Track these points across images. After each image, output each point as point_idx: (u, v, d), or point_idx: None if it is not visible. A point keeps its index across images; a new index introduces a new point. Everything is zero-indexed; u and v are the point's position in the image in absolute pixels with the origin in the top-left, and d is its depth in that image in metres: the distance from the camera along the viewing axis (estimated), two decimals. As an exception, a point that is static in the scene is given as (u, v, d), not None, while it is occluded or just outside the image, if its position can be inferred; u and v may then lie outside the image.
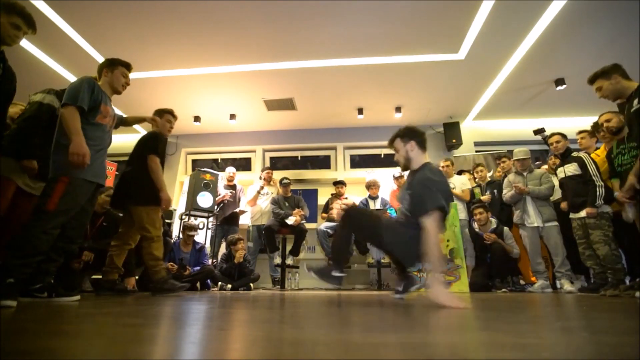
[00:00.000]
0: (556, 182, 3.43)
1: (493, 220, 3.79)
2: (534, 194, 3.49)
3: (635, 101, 2.14)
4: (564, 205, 3.26)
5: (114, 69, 2.20)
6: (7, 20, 1.79)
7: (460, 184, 4.37)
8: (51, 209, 1.73)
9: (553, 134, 3.31)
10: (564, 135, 3.26)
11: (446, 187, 1.85)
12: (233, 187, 4.89)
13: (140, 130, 6.14)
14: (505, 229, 3.74)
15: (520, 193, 3.53)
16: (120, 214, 3.36)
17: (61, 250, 1.92)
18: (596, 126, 3.08)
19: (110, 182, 4.96)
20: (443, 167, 4.45)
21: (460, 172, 4.80)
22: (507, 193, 3.71)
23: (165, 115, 2.81)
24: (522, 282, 3.82)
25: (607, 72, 2.30)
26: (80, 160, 1.77)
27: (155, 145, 2.61)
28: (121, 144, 6.19)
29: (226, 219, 4.69)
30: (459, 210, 3.90)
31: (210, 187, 4.49)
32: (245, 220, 5.10)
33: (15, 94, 1.96)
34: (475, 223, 3.84)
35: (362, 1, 3.29)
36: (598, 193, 2.81)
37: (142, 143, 2.69)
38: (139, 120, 2.64)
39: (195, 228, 3.97)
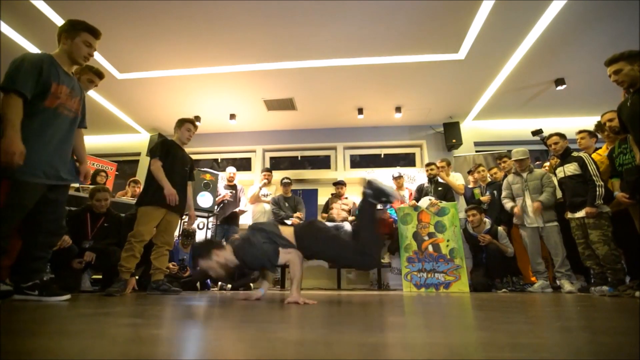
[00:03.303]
0: (556, 182, 3.43)
1: (487, 220, 3.79)
2: (543, 203, 3.43)
3: None
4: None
5: (75, 36, 1.86)
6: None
7: (454, 179, 4.47)
8: None
9: (551, 135, 3.30)
10: (562, 136, 3.26)
11: None
12: (233, 187, 4.89)
13: (140, 130, 6.14)
14: (500, 229, 3.74)
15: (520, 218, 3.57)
16: (122, 214, 3.39)
17: (45, 246, 1.85)
18: (599, 126, 3.08)
19: (110, 182, 4.95)
20: (438, 167, 4.47)
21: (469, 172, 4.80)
22: (507, 203, 3.71)
23: (185, 124, 2.97)
24: (521, 282, 3.82)
25: (635, 57, 2.20)
26: (9, 160, 1.54)
27: (154, 149, 2.83)
28: (122, 144, 6.20)
29: (226, 218, 4.69)
30: (458, 210, 3.90)
31: (210, 187, 4.49)
32: (245, 220, 5.10)
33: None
34: (469, 224, 3.84)
35: (362, 1, 3.29)
36: (598, 193, 2.81)
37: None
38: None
39: (191, 236, 3.97)
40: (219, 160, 6.46)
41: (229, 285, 3.95)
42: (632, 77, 2.20)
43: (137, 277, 3.28)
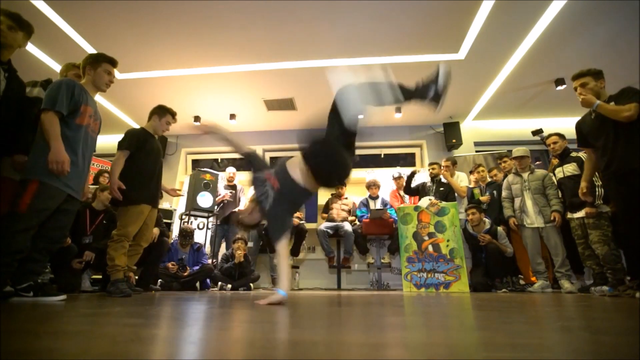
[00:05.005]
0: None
1: (487, 220, 3.79)
2: (559, 212, 3.35)
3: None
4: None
5: (97, 67, 2.11)
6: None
7: (459, 180, 4.42)
8: (22, 210, 1.72)
9: (551, 135, 3.31)
10: (561, 136, 3.27)
11: None
12: (233, 187, 4.89)
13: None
14: (499, 229, 3.73)
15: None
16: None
17: (44, 251, 1.90)
18: None
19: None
20: (443, 166, 4.45)
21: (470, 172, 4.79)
22: (506, 210, 3.70)
23: (167, 115, 2.90)
24: (522, 282, 3.82)
25: (599, 74, 2.39)
26: (59, 169, 1.74)
27: (123, 140, 2.60)
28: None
29: (226, 218, 4.69)
30: (458, 210, 3.89)
31: (210, 187, 4.49)
32: (245, 220, 5.08)
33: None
34: (469, 224, 3.84)
35: (362, 1, 3.29)
36: (597, 193, 2.81)
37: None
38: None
39: (190, 235, 3.97)
40: (219, 160, 6.45)
41: (229, 285, 3.95)
42: (597, 92, 2.34)
43: (136, 277, 3.29)
